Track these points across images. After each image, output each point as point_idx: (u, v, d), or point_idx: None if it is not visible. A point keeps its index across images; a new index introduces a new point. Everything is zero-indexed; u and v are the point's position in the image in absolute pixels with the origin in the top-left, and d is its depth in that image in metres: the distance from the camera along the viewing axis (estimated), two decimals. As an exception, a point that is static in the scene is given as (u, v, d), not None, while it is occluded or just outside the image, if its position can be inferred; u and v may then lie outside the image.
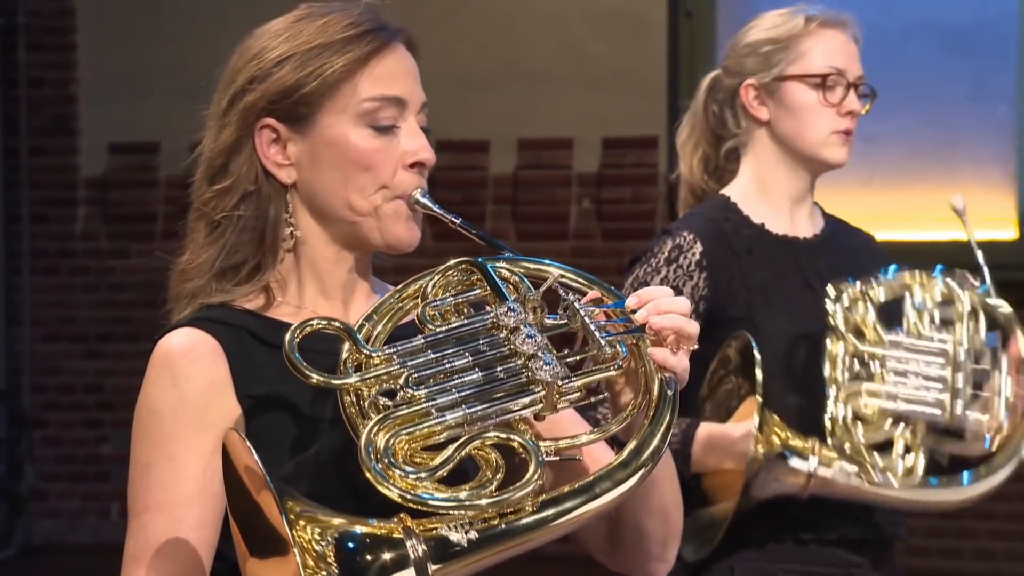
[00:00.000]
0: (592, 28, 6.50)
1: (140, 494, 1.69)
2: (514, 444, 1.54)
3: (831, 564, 2.63)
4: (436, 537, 1.48)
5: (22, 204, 6.93)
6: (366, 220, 1.74)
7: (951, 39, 6.13)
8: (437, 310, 1.65)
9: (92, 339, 6.90)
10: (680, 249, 2.63)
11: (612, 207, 6.54)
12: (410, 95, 1.76)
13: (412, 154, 1.75)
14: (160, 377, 1.70)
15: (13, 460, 6.93)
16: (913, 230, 6.10)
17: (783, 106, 2.69)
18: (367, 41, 1.74)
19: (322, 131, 1.74)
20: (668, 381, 1.62)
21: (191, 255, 1.79)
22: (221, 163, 1.77)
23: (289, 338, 1.57)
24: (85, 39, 6.89)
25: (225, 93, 1.80)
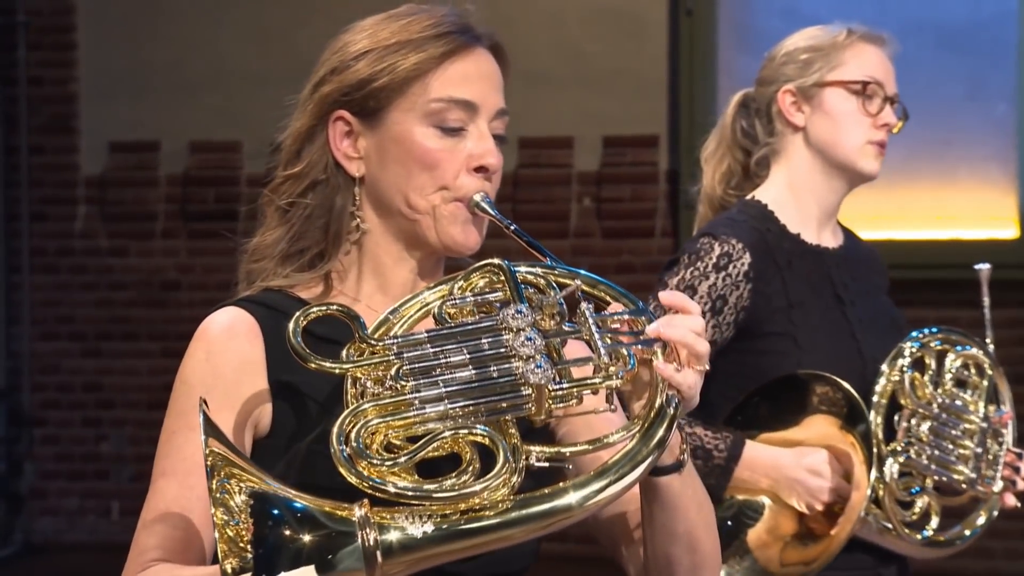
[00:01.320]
0: (592, 27, 6.50)
1: (160, 460, 1.71)
2: (484, 441, 1.53)
3: (860, 568, 2.64)
4: (392, 526, 1.47)
5: (22, 203, 6.93)
6: (424, 219, 1.76)
7: (949, 38, 6.13)
8: (457, 308, 1.66)
9: (91, 338, 6.90)
10: (729, 257, 2.61)
11: (612, 206, 6.54)
12: (483, 100, 1.78)
13: (477, 158, 1.76)
14: (196, 351, 1.73)
15: (12, 459, 6.93)
16: (912, 229, 6.11)
17: (821, 112, 2.70)
18: (445, 42, 1.76)
19: (390, 127, 1.76)
20: (670, 399, 1.60)
21: (260, 237, 1.82)
22: (295, 149, 1.80)
23: (293, 324, 1.58)
24: (85, 38, 6.89)
25: (311, 81, 1.82)
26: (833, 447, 2.56)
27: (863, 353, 2.66)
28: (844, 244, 2.78)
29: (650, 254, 6.51)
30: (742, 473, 2.55)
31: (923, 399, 2.63)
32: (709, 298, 2.59)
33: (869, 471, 2.51)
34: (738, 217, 2.69)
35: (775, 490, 2.56)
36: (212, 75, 6.68)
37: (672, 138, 6.44)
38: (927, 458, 2.62)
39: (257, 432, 1.71)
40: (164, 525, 1.67)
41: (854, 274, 2.75)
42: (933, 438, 2.63)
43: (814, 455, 2.55)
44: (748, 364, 2.62)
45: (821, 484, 2.54)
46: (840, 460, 2.55)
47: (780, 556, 2.58)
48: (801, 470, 2.55)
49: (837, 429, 2.55)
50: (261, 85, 6.50)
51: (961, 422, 2.66)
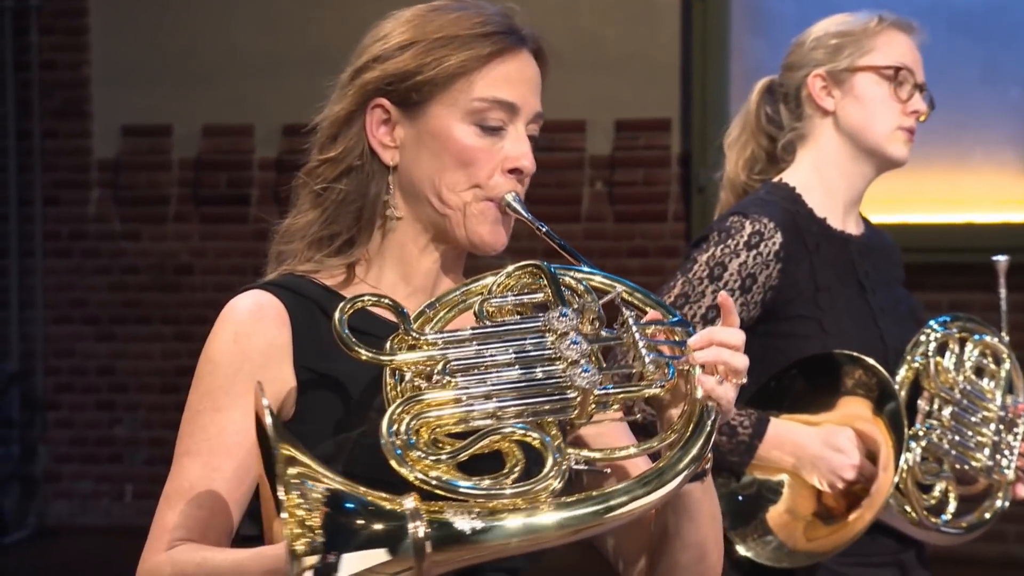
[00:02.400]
0: (605, 11, 6.49)
1: (183, 439, 1.71)
2: (535, 443, 1.55)
3: (881, 553, 2.65)
4: (441, 520, 1.49)
5: (35, 187, 6.94)
6: (454, 214, 1.77)
7: (962, 22, 6.11)
8: (497, 307, 1.67)
9: (104, 321, 6.92)
10: (760, 236, 2.60)
11: (625, 189, 6.54)
12: (524, 103, 1.79)
13: (513, 160, 1.78)
14: (224, 331, 1.73)
15: (26, 442, 6.96)
16: (925, 213, 6.09)
17: (851, 96, 2.70)
18: (492, 41, 1.77)
19: (429, 120, 1.76)
20: (709, 410, 1.62)
21: (292, 218, 1.82)
22: (332, 133, 1.80)
23: (339, 313, 1.59)
24: (97, 22, 6.89)
25: (350, 67, 1.82)
26: (859, 428, 2.56)
27: (885, 340, 2.66)
28: (866, 233, 2.79)
29: (662, 238, 6.51)
30: (766, 451, 2.55)
31: (945, 384, 2.64)
32: (739, 276, 2.58)
33: (898, 455, 2.51)
34: (767, 198, 2.68)
35: (797, 468, 2.56)
36: (224, 59, 6.68)
37: (684, 122, 6.43)
38: (948, 443, 2.62)
39: (281, 417, 1.72)
40: (188, 504, 1.68)
41: (875, 263, 2.75)
42: (954, 423, 2.64)
43: (838, 433, 2.55)
44: (773, 346, 2.62)
45: (843, 461, 2.54)
46: (865, 441, 2.55)
47: (802, 534, 2.58)
48: (825, 447, 2.54)
49: (868, 412, 2.55)
50: (273, 69, 6.50)
51: (980, 409, 2.67)
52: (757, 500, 2.59)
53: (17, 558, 6.59)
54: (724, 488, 2.59)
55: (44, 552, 6.67)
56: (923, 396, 2.63)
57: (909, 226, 5.97)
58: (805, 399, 2.60)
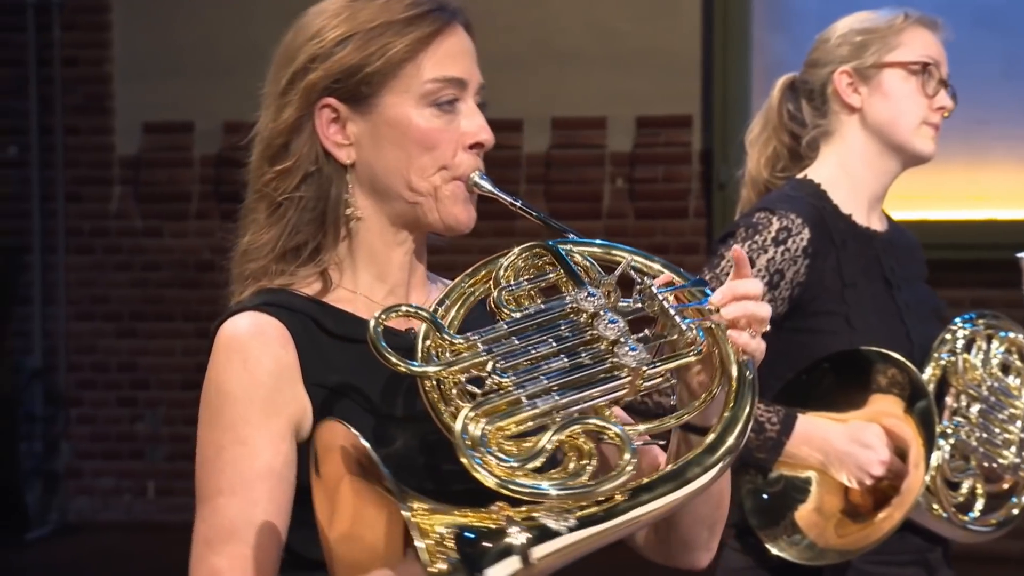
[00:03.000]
0: (625, 6, 6.48)
1: (212, 477, 1.65)
2: (609, 434, 1.53)
3: (907, 552, 2.64)
4: (537, 525, 1.48)
5: (57, 183, 6.96)
6: (426, 200, 1.73)
7: (984, 16, 6.08)
8: (512, 295, 1.64)
9: (126, 318, 6.94)
10: (788, 232, 2.60)
11: (645, 186, 6.53)
12: (469, 76, 1.75)
13: (472, 135, 1.74)
14: (231, 360, 1.67)
15: (48, 438, 6.98)
16: (945, 209, 6.07)
17: (879, 92, 2.69)
18: (429, 21, 1.73)
19: (384, 111, 1.73)
20: (747, 364, 1.62)
21: (253, 236, 1.76)
22: (282, 143, 1.75)
23: (374, 326, 1.54)
24: (119, 18, 6.91)
25: (284, 72, 1.77)
26: (887, 424, 2.55)
27: (911, 337, 2.66)
28: (889, 230, 2.78)
29: (683, 235, 6.50)
30: (793, 447, 2.55)
31: (973, 381, 2.64)
32: (767, 272, 2.58)
33: (929, 453, 2.50)
34: (793, 194, 2.68)
35: (825, 465, 2.56)
36: (246, 55, 6.67)
37: (705, 118, 6.42)
38: (976, 440, 2.62)
39: (299, 437, 1.68)
40: (237, 545, 1.62)
41: (899, 260, 2.75)
42: (981, 420, 2.63)
43: (866, 429, 2.55)
44: (799, 342, 2.61)
45: (871, 457, 2.53)
46: (893, 438, 2.54)
47: (832, 532, 2.57)
48: (852, 443, 2.54)
49: (898, 409, 2.55)
50: (294, 66, 6.50)
51: (1007, 406, 2.67)
52: (785, 499, 2.59)
53: (39, 554, 6.62)
54: (751, 484, 2.59)
55: (66, 548, 6.69)
56: (950, 393, 2.63)
57: (930, 222, 5.95)
58: (833, 395, 2.60)
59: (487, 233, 1.94)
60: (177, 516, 6.80)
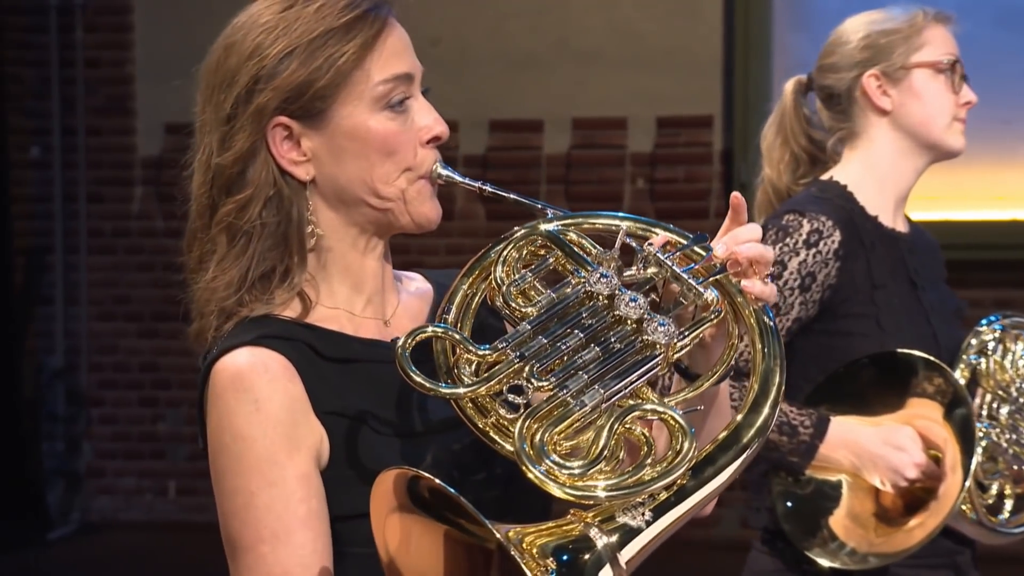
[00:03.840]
0: (645, 6, 6.47)
1: (248, 528, 1.59)
2: (666, 417, 1.50)
3: (938, 554, 2.63)
4: (617, 526, 1.46)
5: (79, 184, 6.98)
6: (395, 205, 1.69)
7: (1008, 16, 6.06)
8: (518, 289, 1.60)
9: (147, 318, 6.95)
10: (820, 234, 2.59)
11: (666, 186, 6.52)
12: (415, 69, 1.71)
13: (428, 130, 1.70)
14: (241, 402, 1.61)
15: (70, 438, 7.00)
16: (969, 209, 6.05)
17: (911, 94, 2.68)
18: (369, 22, 1.68)
19: (340, 123, 1.67)
20: (764, 309, 1.60)
21: (216, 271, 1.72)
22: (237, 171, 1.70)
23: (400, 353, 1.50)
24: (141, 19, 6.93)
25: (226, 95, 1.72)
26: (920, 427, 2.54)
27: (938, 338, 2.65)
28: (912, 231, 2.77)
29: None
30: (827, 451, 2.54)
31: (1003, 382, 2.63)
32: (799, 275, 2.57)
33: (968, 458, 2.49)
34: (821, 195, 2.67)
35: (858, 468, 2.54)
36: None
37: (727, 118, 6.40)
38: (1005, 441, 2.61)
39: (319, 466, 1.64)
40: None
41: (922, 261, 2.74)
42: (1011, 422, 2.62)
43: (899, 431, 2.54)
44: (829, 344, 2.60)
45: (905, 459, 2.52)
46: (927, 441, 2.53)
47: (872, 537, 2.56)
48: (885, 446, 2.53)
49: (934, 412, 2.53)
50: (315, 66, 6.51)
51: None
52: (817, 506, 2.57)
53: (61, 553, 6.63)
54: (781, 486, 2.57)
55: (88, 548, 6.71)
56: (979, 395, 2.62)
57: (953, 223, 5.93)
58: (867, 397, 2.59)
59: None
60: (198, 516, 6.81)
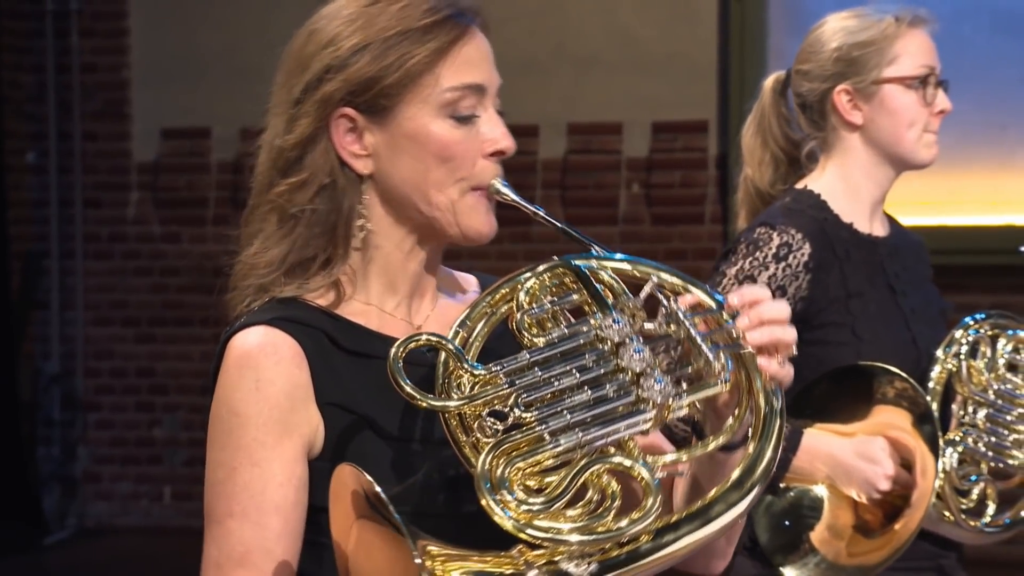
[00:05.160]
0: (642, 11, 6.47)
1: (223, 500, 1.61)
2: (634, 473, 1.50)
3: (921, 558, 2.63)
4: (557, 571, 1.44)
5: (75, 189, 6.98)
6: (444, 214, 1.69)
7: (1005, 21, 6.06)
8: (534, 318, 1.59)
9: (144, 323, 6.95)
10: (789, 247, 2.59)
11: (662, 192, 6.52)
12: (489, 81, 1.70)
13: (492, 143, 1.69)
14: (243, 379, 1.63)
15: (66, 443, 7.00)
16: (967, 214, 6.05)
17: (882, 109, 2.66)
18: (447, 28, 1.68)
19: (402, 123, 1.68)
20: (775, 392, 1.58)
21: (259, 248, 1.72)
22: (296, 155, 1.70)
23: (393, 358, 1.51)
24: (137, 24, 6.93)
25: (297, 80, 1.71)
26: (892, 436, 2.54)
27: (917, 343, 2.65)
28: (892, 233, 2.76)
29: (700, 240, 6.49)
30: (800, 462, 2.54)
31: (979, 386, 2.62)
32: (768, 288, 2.57)
33: (936, 460, 2.49)
34: (794, 206, 2.66)
35: (832, 479, 2.55)
36: (263, 61, 6.64)
37: (722, 123, 6.40)
38: (984, 445, 2.61)
39: (310, 455, 1.65)
40: (247, 570, 1.59)
41: (904, 264, 2.73)
42: (989, 425, 2.62)
43: (870, 443, 2.54)
44: (806, 354, 2.59)
45: (877, 472, 2.52)
46: (899, 449, 2.54)
47: (848, 549, 2.56)
48: (857, 459, 2.53)
49: (907, 422, 2.54)
50: (312, 71, 6.51)
51: (1015, 407, 2.65)
52: (797, 521, 2.57)
53: (57, 558, 6.63)
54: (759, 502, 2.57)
55: (84, 552, 6.70)
56: (956, 400, 2.62)
57: (950, 228, 5.93)
58: (835, 409, 2.58)
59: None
60: (195, 521, 6.79)
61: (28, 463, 6.88)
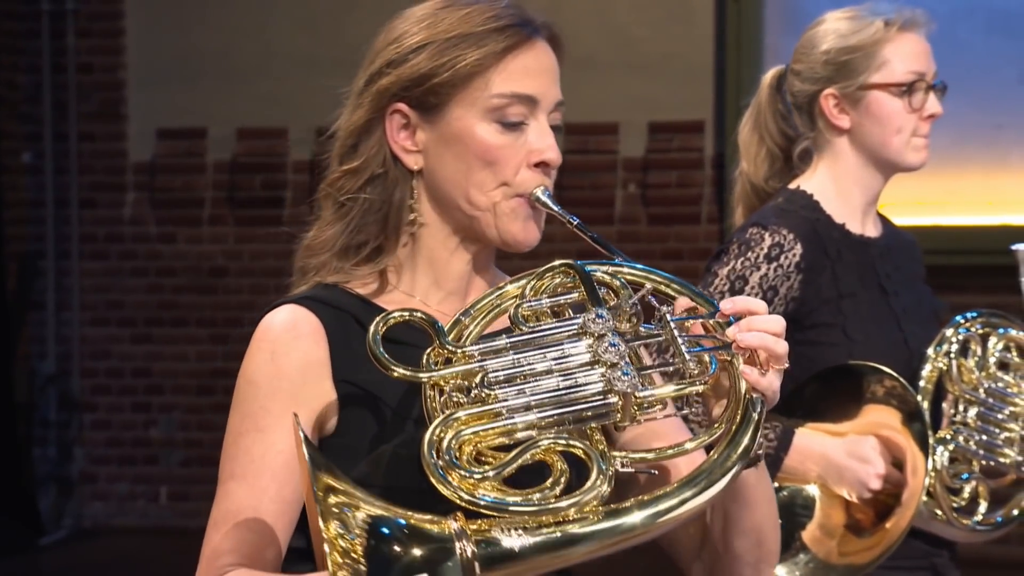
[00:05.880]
0: (638, 11, 6.48)
1: (227, 462, 1.69)
2: (577, 451, 1.52)
3: (914, 556, 2.63)
4: (488, 539, 1.47)
5: (71, 189, 6.98)
6: (484, 215, 1.74)
7: (1000, 22, 6.07)
8: (532, 311, 1.64)
9: (140, 323, 6.94)
10: (780, 248, 2.60)
11: (658, 192, 6.52)
12: (543, 94, 1.75)
13: (538, 153, 1.74)
14: (260, 351, 1.70)
15: (63, 443, 6.99)
16: (963, 215, 6.06)
17: (868, 115, 2.66)
18: (506, 35, 1.73)
19: (450, 122, 1.73)
20: (754, 402, 1.59)
21: (317, 231, 1.79)
22: (352, 143, 1.77)
23: (373, 330, 1.57)
24: (133, 25, 6.92)
25: (364, 72, 1.78)
26: (882, 435, 2.55)
27: (909, 343, 2.65)
28: (884, 233, 2.77)
29: (696, 240, 6.49)
30: (792, 462, 2.54)
31: (969, 384, 2.63)
32: (760, 288, 2.57)
33: (926, 458, 2.50)
34: (787, 207, 2.67)
35: (824, 479, 2.55)
36: (259, 62, 6.70)
37: (718, 123, 6.41)
38: (975, 443, 2.61)
39: (323, 432, 1.71)
40: (238, 528, 1.65)
41: (896, 264, 2.74)
42: (980, 423, 2.62)
43: (862, 443, 2.54)
44: (798, 354, 2.59)
45: (869, 471, 2.53)
46: (890, 448, 2.54)
47: (839, 548, 2.56)
48: (849, 458, 2.54)
49: (896, 421, 2.54)
50: (309, 71, 6.51)
51: (1006, 405, 2.66)
52: (790, 519, 2.58)
53: (53, 559, 6.63)
54: None
55: (80, 553, 6.70)
56: (947, 399, 2.62)
57: (946, 228, 5.94)
58: (825, 409, 2.59)
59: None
60: (191, 521, 6.80)
61: (24, 464, 6.88)
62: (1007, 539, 2.77)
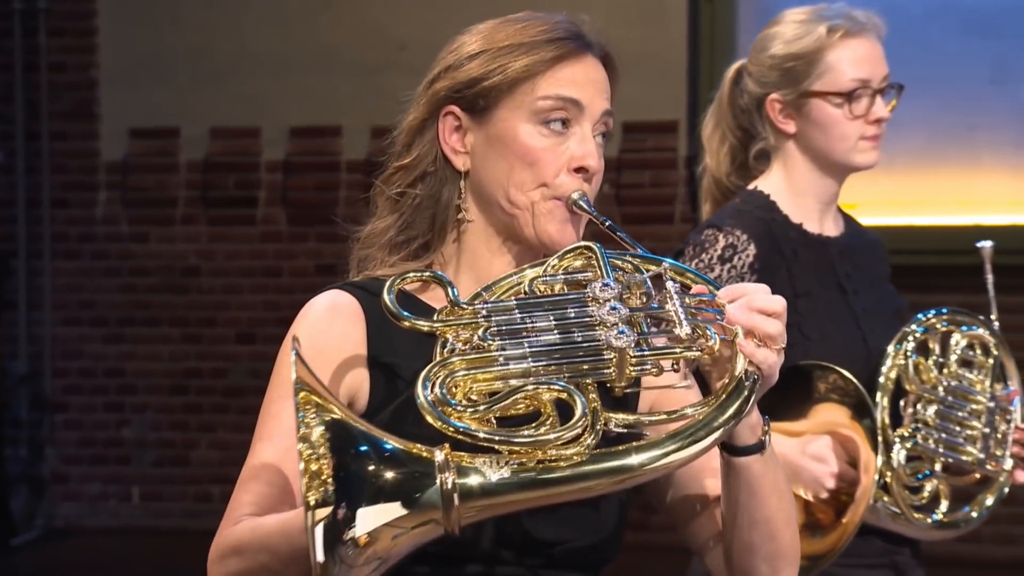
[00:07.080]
0: (611, 11, 6.48)
1: (260, 425, 1.79)
2: (564, 396, 1.58)
3: (873, 554, 2.64)
4: (470, 470, 1.53)
5: (43, 188, 6.95)
6: (522, 214, 1.82)
7: (973, 22, 6.09)
8: (547, 284, 1.72)
9: (113, 323, 6.92)
10: (734, 249, 2.62)
11: (632, 192, 6.53)
12: (588, 102, 1.84)
13: (578, 159, 1.83)
14: (300, 326, 1.80)
15: (35, 443, 6.96)
16: (934, 214, 6.08)
17: (811, 122, 2.67)
18: (556, 46, 1.83)
19: (496, 124, 1.83)
20: (748, 374, 1.65)
21: (372, 225, 1.89)
22: (406, 142, 1.87)
23: (388, 285, 1.65)
24: (106, 24, 6.90)
25: (427, 76, 1.89)
26: (837, 433, 2.55)
27: (868, 342, 2.66)
28: (846, 232, 2.77)
29: (670, 240, 6.49)
30: None
31: (928, 383, 2.63)
32: None
33: (876, 455, 2.50)
34: (743, 207, 2.69)
35: None
36: (233, 61, 6.68)
37: (692, 124, 6.41)
38: (934, 441, 2.62)
39: (354, 410, 1.77)
40: (258, 483, 1.74)
41: (856, 263, 2.74)
42: (940, 421, 2.63)
43: (816, 442, 2.55)
44: None
45: (823, 470, 2.54)
46: (844, 446, 2.55)
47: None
48: (804, 458, 2.55)
49: (846, 418, 2.55)
50: (282, 71, 6.50)
51: (968, 403, 2.66)
52: None
53: (25, 559, 6.60)
54: None
55: (52, 553, 6.67)
56: (907, 397, 2.63)
57: (918, 228, 5.96)
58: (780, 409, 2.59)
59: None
60: (163, 521, 6.78)
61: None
62: (978, 537, 2.78)
